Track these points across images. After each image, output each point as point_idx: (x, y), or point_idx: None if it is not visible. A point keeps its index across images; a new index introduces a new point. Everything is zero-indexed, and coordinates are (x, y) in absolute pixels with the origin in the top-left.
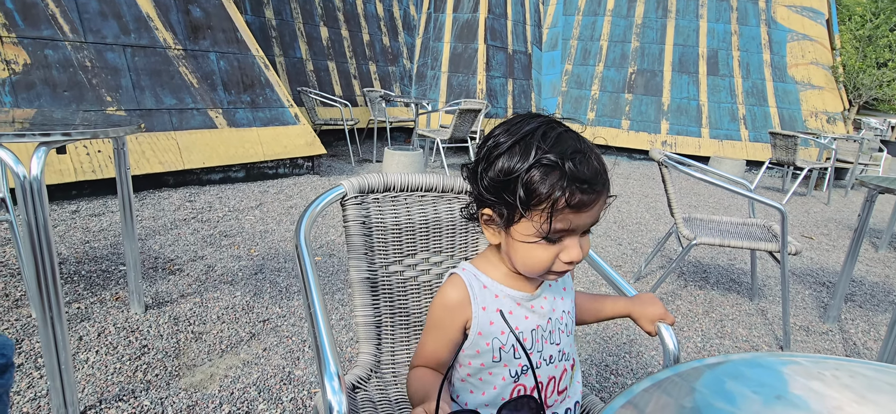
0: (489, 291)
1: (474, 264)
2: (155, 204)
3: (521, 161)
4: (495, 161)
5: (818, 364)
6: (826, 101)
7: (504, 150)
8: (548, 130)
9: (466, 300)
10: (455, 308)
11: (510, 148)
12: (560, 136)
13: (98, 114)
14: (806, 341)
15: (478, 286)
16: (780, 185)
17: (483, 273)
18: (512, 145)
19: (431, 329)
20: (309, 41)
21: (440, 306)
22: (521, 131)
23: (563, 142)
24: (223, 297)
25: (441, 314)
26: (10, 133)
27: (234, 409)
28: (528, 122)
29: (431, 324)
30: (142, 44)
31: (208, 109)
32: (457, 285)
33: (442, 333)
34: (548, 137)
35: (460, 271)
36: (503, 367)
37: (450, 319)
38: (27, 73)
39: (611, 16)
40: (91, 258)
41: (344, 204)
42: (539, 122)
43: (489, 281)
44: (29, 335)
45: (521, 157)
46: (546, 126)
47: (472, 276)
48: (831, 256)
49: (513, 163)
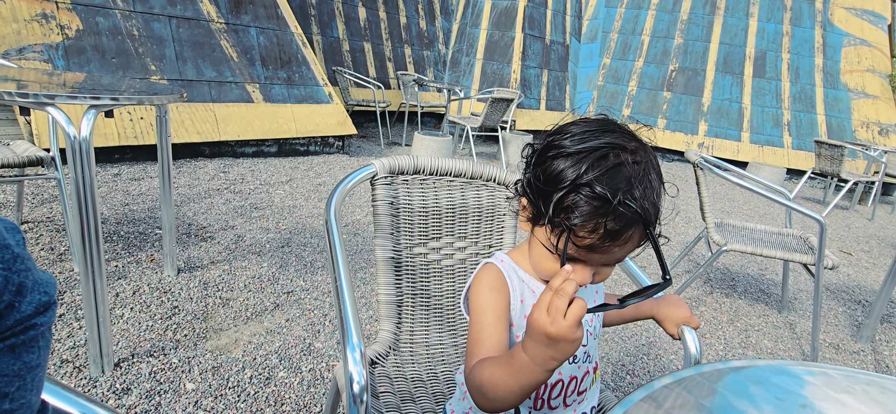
0: (527, 285)
1: (511, 257)
2: (191, 172)
3: (569, 173)
4: (549, 160)
5: (849, 378)
6: (879, 111)
7: (562, 154)
8: (608, 154)
9: (506, 286)
10: (500, 288)
11: (568, 155)
12: (619, 166)
13: (143, 81)
14: (835, 358)
15: (516, 279)
16: (822, 196)
17: (521, 268)
18: (571, 154)
19: (482, 315)
20: (346, 21)
21: (486, 289)
22: (586, 142)
23: (620, 173)
24: (251, 266)
25: (489, 295)
26: (63, 94)
27: (256, 373)
28: (599, 135)
29: (480, 311)
30: (186, 15)
31: (246, 83)
32: (494, 271)
33: (495, 315)
34: (604, 162)
35: (497, 262)
36: None
37: (499, 297)
38: (79, 38)
39: (655, 10)
40: (129, 220)
41: (374, 183)
42: (608, 140)
43: (527, 276)
44: (71, 288)
45: (572, 169)
46: (612, 148)
47: (510, 268)
48: (870, 274)
49: (560, 170)
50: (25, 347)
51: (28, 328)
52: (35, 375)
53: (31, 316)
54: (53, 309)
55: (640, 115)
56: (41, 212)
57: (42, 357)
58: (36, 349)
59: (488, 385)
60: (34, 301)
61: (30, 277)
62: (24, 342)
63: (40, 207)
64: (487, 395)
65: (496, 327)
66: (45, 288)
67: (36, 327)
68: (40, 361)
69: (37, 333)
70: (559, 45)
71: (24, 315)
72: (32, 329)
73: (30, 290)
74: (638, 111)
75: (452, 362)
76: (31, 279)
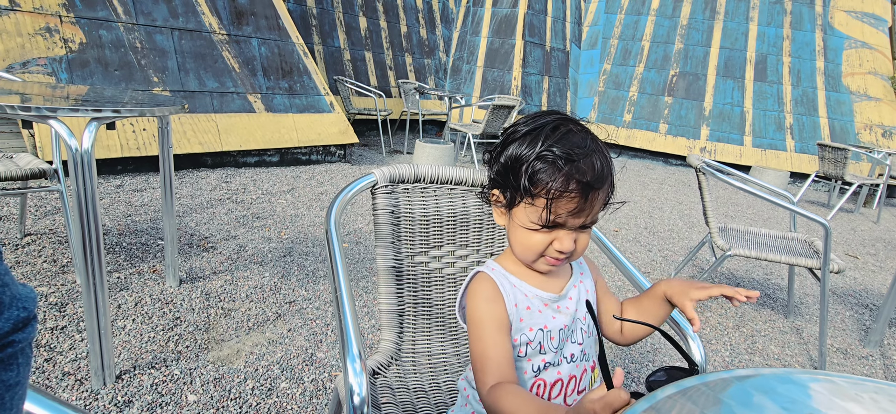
0: (519, 290)
1: (500, 263)
2: (193, 183)
3: (529, 149)
4: (508, 146)
5: (856, 386)
6: (882, 113)
7: (517, 138)
8: (559, 125)
9: (500, 294)
10: (495, 299)
11: (522, 136)
12: (569, 133)
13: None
14: (843, 364)
15: (508, 285)
16: (827, 199)
17: (510, 273)
18: (524, 134)
19: (483, 328)
20: (347, 31)
21: (482, 301)
22: (536, 123)
23: (571, 139)
24: (253, 276)
25: (486, 307)
26: (65, 107)
27: (258, 385)
28: (545, 117)
29: (480, 323)
30: (189, 27)
31: (248, 94)
32: (487, 282)
33: (495, 326)
34: (557, 132)
35: (488, 271)
36: (527, 362)
37: (495, 308)
38: (82, 51)
39: (655, 15)
40: (132, 231)
41: (374, 192)
42: (554, 117)
43: (517, 280)
44: (72, 300)
45: (530, 146)
46: (559, 121)
47: (502, 275)
48: (877, 278)
49: (521, 150)
50: (3, 365)
51: (6, 346)
52: (14, 393)
53: (8, 333)
54: (33, 325)
55: (641, 120)
56: (44, 224)
57: (21, 375)
58: (15, 367)
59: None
60: (12, 317)
61: (7, 292)
62: (2, 360)
63: (43, 219)
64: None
65: (499, 340)
66: (23, 303)
67: (14, 345)
68: (20, 378)
69: (15, 350)
70: (560, 52)
71: (2, 332)
72: (10, 346)
73: (7, 306)
74: (639, 116)
75: (455, 371)
76: (8, 294)
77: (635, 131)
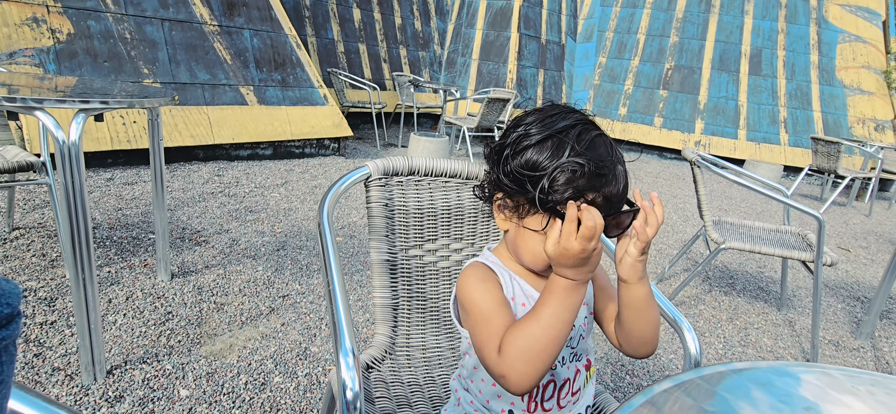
0: (517, 284)
1: (496, 255)
2: (185, 176)
3: (552, 158)
4: (523, 151)
5: (853, 378)
6: (875, 107)
7: (534, 143)
8: (583, 132)
9: (495, 275)
10: (490, 278)
11: (541, 142)
12: (594, 141)
13: (135, 85)
14: (835, 356)
15: (507, 275)
16: (820, 193)
17: (507, 267)
18: (543, 139)
19: (482, 305)
20: (341, 22)
21: (476, 282)
22: (555, 126)
23: (597, 148)
24: (245, 270)
25: (482, 286)
26: (52, 99)
27: (251, 379)
28: (564, 118)
29: (477, 302)
30: (179, 18)
31: (240, 86)
32: (480, 266)
33: (495, 300)
34: (582, 140)
35: (485, 260)
36: None
37: (492, 286)
38: (71, 42)
39: (650, 9)
40: (123, 225)
41: (368, 185)
42: (575, 119)
43: (514, 275)
44: (62, 295)
45: (553, 154)
46: (582, 126)
47: (499, 266)
48: (869, 271)
49: (541, 157)
50: None
51: None
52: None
53: None
54: (17, 321)
55: (636, 113)
56: (33, 218)
57: (5, 373)
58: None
59: (520, 345)
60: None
61: None
62: None
63: (32, 212)
64: (529, 358)
65: (500, 311)
66: (7, 299)
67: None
68: (4, 376)
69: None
70: (555, 45)
71: None
72: None
73: None
74: (634, 110)
75: (449, 366)
76: None
77: (630, 125)
